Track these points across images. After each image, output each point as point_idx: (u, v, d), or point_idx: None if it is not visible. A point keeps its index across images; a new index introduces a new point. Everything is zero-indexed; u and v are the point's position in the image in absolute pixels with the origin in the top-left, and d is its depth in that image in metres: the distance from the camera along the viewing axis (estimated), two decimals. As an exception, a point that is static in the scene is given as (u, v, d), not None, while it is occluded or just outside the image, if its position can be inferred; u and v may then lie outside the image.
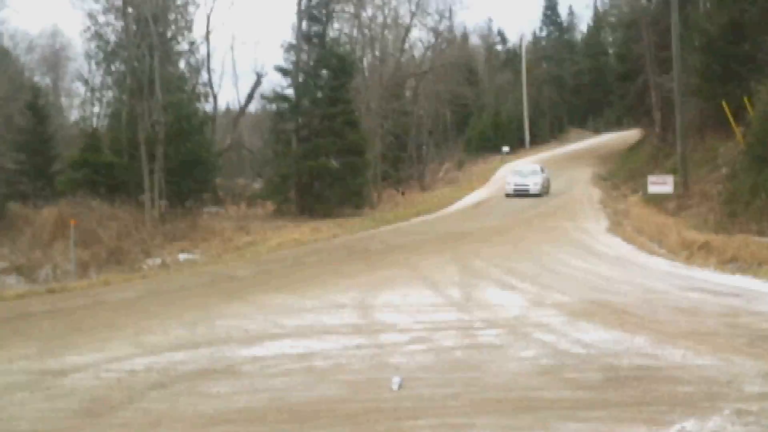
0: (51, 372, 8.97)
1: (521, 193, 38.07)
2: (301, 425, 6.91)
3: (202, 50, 48.76)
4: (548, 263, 17.69)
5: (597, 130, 73.93)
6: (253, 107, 50.66)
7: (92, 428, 7.08)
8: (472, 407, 7.21)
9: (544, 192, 38.79)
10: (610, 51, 72.06)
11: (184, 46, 42.42)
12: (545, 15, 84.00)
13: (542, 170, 41.05)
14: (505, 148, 57.60)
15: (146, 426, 7.06)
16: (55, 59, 55.95)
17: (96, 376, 8.75)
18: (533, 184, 38.79)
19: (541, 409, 7.06)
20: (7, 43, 50.11)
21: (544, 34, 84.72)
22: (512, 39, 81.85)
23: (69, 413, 7.48)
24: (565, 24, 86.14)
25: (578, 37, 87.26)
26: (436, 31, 53.52)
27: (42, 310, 13.92)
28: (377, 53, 48.27)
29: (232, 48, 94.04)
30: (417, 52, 56.25)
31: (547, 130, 71.80)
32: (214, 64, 66.74)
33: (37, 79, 53.17)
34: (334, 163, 34.21)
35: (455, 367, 8.76)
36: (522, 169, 42.85)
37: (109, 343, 10.51)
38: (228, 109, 54.76)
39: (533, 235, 23.48)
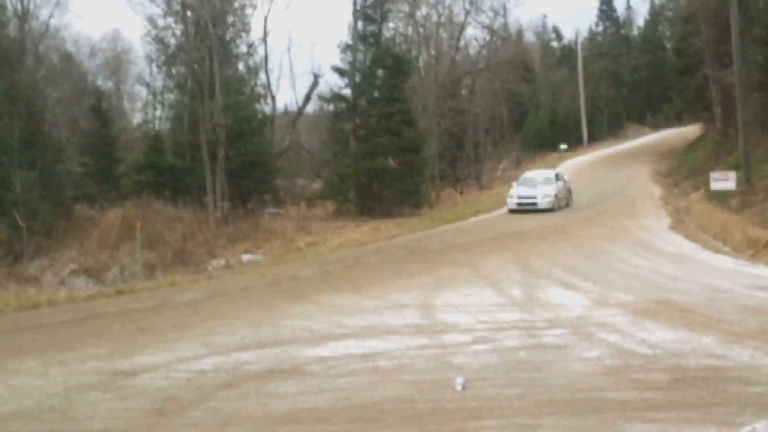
0: (122, 372, 9.21)
1: (528, 208, 30.52)
2: (366, 425, 7.01)
3: (260, 52, 49.24)
4: (610, 262, 17.50)
5: (656, 127, 72.61)
6: (310, 108, 51.07)
7: (163, 427, 7.28)
8: (538, 408, 7.23)
9: (560, 205, 31.29)
10: (668, 46, 70.75)
11: (242, 48, 43.17)
12: (601, 10, 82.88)
13: (558, 177, 33.46)
14: (563, 146, 57.15)
15: (216, 425, 7.23)
16: (117, 63, 57.25)
17: (166, 376, 8.98)
18: (542, 196, 30.76)
19: (608, 410, 7.05)
20: (70, 47, 51.63)
21: (600, 29, 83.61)
22: (567, 35, 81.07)
23: (140, 413, 7.69)
24: (621, 19, 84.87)
25: (635, 32, 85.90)
26: (490, 29, 53.35)
27: (111, 311, 14.22)
28: (432, 52, 48.25)
29: (289, 49, 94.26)
30: (472, 50, 56.35)
31: (605, 126, 70.83)
32: (272, 65, 67.68)
33: (99, 82, 54.76)
34: (391, 163, 34.25)
35: (519, 368, 8.78)
36: (533, 176, 33.75)
37: (177, 343, 10.75)
38: (286, 110, 55.14)
39: (593, 233, 23.21)
